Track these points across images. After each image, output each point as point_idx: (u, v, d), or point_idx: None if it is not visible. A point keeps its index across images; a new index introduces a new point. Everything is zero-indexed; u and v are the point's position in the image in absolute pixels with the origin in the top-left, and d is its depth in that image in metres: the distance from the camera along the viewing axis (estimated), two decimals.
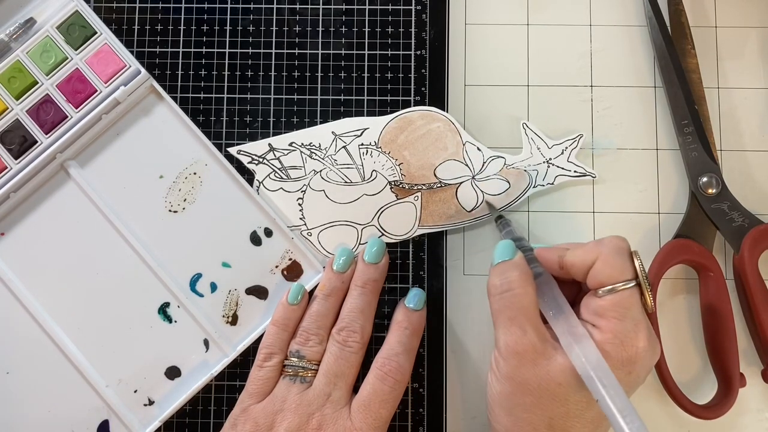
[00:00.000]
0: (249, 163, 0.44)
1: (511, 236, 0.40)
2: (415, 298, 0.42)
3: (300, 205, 0.43)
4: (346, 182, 0.44)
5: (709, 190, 0.42)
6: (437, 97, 0.44)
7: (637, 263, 0.35)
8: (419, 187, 0.43)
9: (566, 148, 0.44)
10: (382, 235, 0.43)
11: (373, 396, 0.39)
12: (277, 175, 0.44)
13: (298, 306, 0.41)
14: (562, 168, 0.43)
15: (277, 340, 0.41)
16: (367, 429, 0.38)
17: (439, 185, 0.43)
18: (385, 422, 0.39)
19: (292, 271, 0.43)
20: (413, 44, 0.45)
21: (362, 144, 0.44)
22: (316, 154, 0.44)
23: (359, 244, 0.43)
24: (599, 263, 0.35)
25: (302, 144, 0.44)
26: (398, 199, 0.43)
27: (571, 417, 0.34)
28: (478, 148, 0.43)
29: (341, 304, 0.41)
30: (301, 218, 0.43)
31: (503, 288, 0.36)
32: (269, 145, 0.44)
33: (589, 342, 0.34)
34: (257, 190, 0.43)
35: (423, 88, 0.44)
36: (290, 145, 0.44)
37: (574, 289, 0.39)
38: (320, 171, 0.44)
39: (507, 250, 0.38)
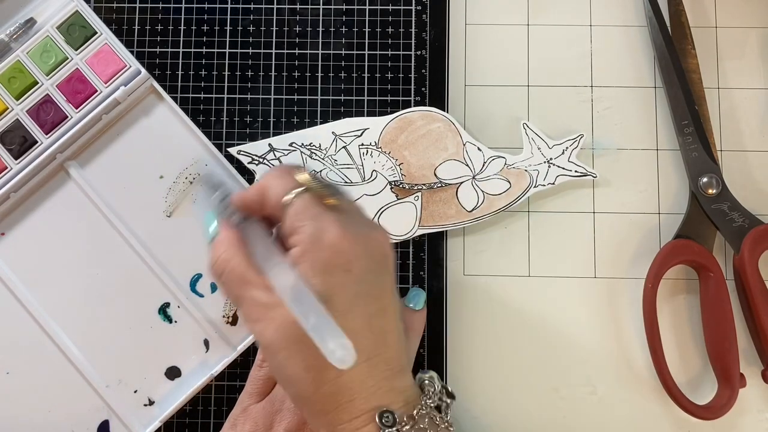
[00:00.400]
0: (249, 163, 0.44)
1: (216, 202, 0.36)
2: (415, 298, 0.41)
3: None
4: (346, 182, 0.44)
5: (709, 191, 0.42)
6: (437, 98, 0.44)
7: (298, 175, 0.33)
8: (419, 187, 0.43)
9: (567, 148, 0.43)
10: None
11: None
12: None
13: None
14: (563, 168, 0.43)
15: None
16: None
17: (439, 185, 0.43)
18: None
19: None
20: (413, 44, 0.45)
21: (362, 144, 0.44)
22: (316, 155, 0.44)
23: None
24: (266, 191, 0.33)
25: (302, 144, 0.44)
26: (398, 199, 0.43)
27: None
28: (479, 148, 0.43)
29: None
30: None
31: (218, 271, 0.33)
32: (269, 145, 0.44)
33: (281, 268, 0.31)
34: None
35: (423, 89, 0.44)
36: (290, 145, 0.44)
37: None
38: (320, 171, 0.44)
39: (212, 223, 0.35)
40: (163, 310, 0.43)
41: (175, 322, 0.43)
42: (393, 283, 0.34)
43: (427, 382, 0.35)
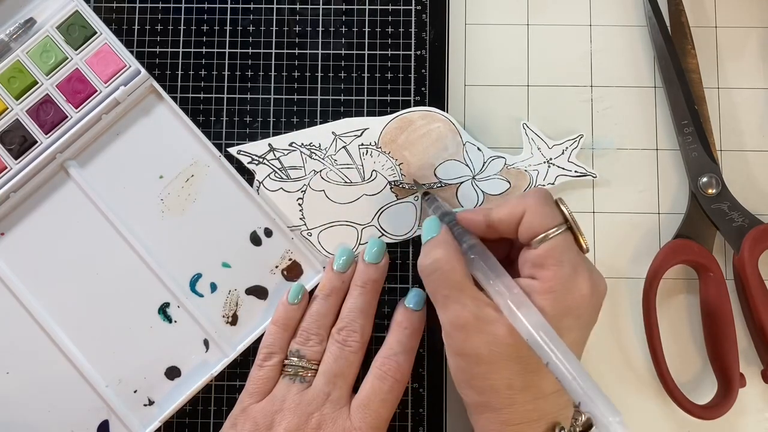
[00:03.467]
0: (249, 163, 0.44)
1: (439, 212, 0.39)
2: (415, 299, 0.42)
3: (300, 205, 0.43)
4: (346, 182, 0.44)
5: (709, 190, 0.42)
6: (437, 97, 0.44)
7: (563, 208, 0.35)
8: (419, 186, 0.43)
9: (566, 148, 0.44)
10: (382, 235, 0.43)
11: (372, 395, 0.39)
12: (277, 175, 0.44)
13: (298, 306, 0.41)
14: (563, 168, 0.43)
15: (277, 340, 0.41)
16: (367, 429, 0.38)
17: (439, 185, 0.43)
18: (384, 422, 0.39)
19: (292, 271, 0.43)
20: (413, 44, 0.45)
21: (362, 144, 0.44)
22: (316, 154, 0.44)
23: (359, 244, 0.43)
24: (528, 215, 0.35)
25: (302, 144, 0.44)
26: (398, 199, 0.43)
27: (528, 372, 0.34)
28: (479, 149, 0.43)
29: (341, 304, 0.41)
30: (301, 218, 0.43)
31: (432, 269, 0.36)
32: (269, 145, 0.44)
33: (528, 304, 0.33)
34: (257, 191, 0.43)
35: (423, 88, 0.44)
36: (290, 145, 0.44)
37: (506, 250, 0.38)
38: (320, 171, 0.44)
39: (433, 227, 0.37)
40: (163, 310, 0.43)
41: (175, 322, 0.43)
42: (592, 329, 0.36)
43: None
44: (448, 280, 0.35)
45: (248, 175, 0.44)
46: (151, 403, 0.42)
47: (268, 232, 0.43)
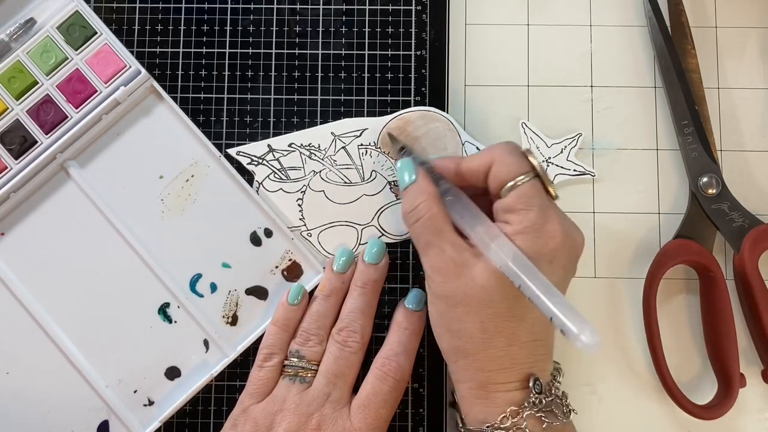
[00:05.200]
0: (249, 164, 0.44)
1: (416, 159, 0.40)
2: (415, 299, 0.42)
3: (300, 205, 0.43)
4: (345, 183, 0.44)
5: (709, 190, 0.42)
6: (437, 98, 0.44)
7: (531, 158, 0.36)
8: None
9: (565, 147, 0.44)
10: (382, 235, 0.43)
11: (372, 396, 0.39)
12: (276, 175, 0.44)
13: (298, 306, 0.41)
14: (562, 167, 0.43)
15: (277, 341, 0.41)
16: (366, 429, 0.38)
17: None
18: (384, 422, 0.39)
19: (292, 272, 0.43)
20: (413, 44, 0.45)
21: (361, 144, 0.44)
22: (315, 155, 0.44)
23: (359, 244, 0.43)
24: (495, 165, 0.36)
25: (301, 145, 0.44)
26: (398, 199, 0.43)
27: (500, 316, 0.35)
28: (478, 148, 0.43)
29: (341, 305, 0.41)
30: (301, 219, 0.43)
31: (414, 217, 0.37)
32: (268, 146, 0.44)
33: (502, 236, 0.35)
34: (257, 191, 0.43)
35: (423, 88, 0.44)
36: (289, 145, 0.44)
37: (484, 204, 0.39)
38: (320, 171, 0.44)
39: (409, 169, 0.38)
40: (163, 310, 0.43)
41: (175, 322, 0.43)
42: (570, 279, 0.37)
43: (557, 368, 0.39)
44: (430, 227, 0.36)
45: (248, 176, 0.44)
46: (151, 403, 0.42)
47: (268, 233, 0.43)
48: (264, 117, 0.44)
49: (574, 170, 0.43)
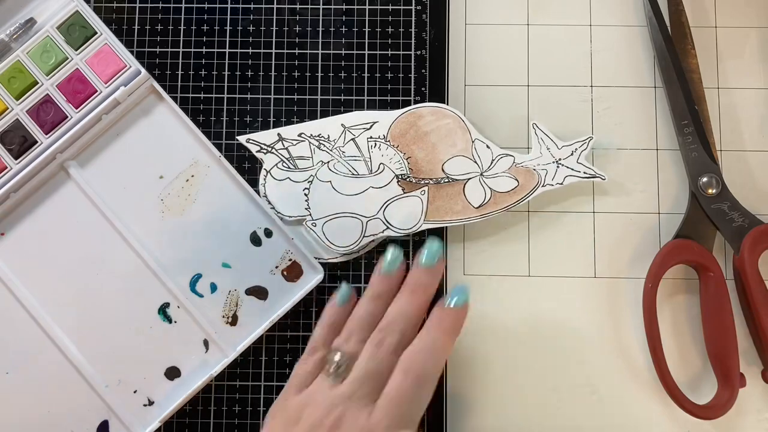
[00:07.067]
0: (258, 152, 0.44)
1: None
2: (456, 296, 0.40)
3: (306, 195, 0.43)
4: (353, 174, 0.44)
5: (709, 190, 0.42)
6: (437, 98, 0.44)
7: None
8: (426, 181, 0.43)
9: (576, 149, 0.43)
10: (387, 228, 0.43)
11: (394, 394, 0.38)
12: (284, 164, 0.44)
13: (345, 308, 0.41)
14: (572, 169, 0.43)
15: (322, 337, 0.40)
16: (384, 429, 0.37)
17: (446, 180, 0.43)
18: (411, 422, 0.38)
19: (292, 272, 0.43)
20: (413, 44, 0.45)
21: (371, 137, 0.44)
22: (324, 146, 0.44)
23: (363, 236, 0.43)
24: None
25: (311, 135, 0.44)
26: (405, 192, 0.43)
27: None
28: (488, 146, 0.43)
29: (388, 306, 0.40)
30: (306, 208, 0.43)
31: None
32: (278, 134, 0.44)
33: None
34: (264, 179, 0.43)
35: (423, 88, 0.44)
36: (299, 135, 0.44)
37: None
38: (328, 162, 0.44)
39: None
40: (163, 311, 0.43)
41: (175, 322, 0.43)
42: None
43: None
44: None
45: (248, 175, 0.44)
46: (151, 403, 0.42)
47: (268, 233, 0.43)
48: (264, 117, 0.44)
49: (584, 173, 0.43)
